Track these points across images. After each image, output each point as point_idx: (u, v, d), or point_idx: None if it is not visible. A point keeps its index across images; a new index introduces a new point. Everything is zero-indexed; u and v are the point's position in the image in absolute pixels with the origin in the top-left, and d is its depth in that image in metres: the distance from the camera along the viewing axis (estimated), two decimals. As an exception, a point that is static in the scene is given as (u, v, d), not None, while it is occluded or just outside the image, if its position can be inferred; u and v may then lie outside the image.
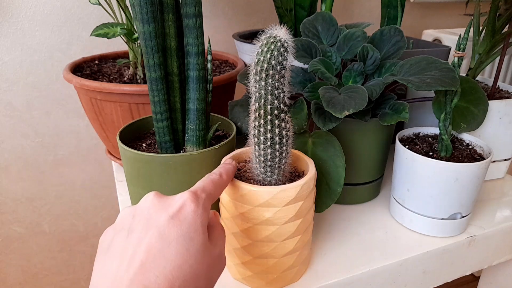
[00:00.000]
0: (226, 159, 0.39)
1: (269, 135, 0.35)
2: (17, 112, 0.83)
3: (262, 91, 0.34)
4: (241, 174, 0.41)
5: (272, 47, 0.32)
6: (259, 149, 0.36)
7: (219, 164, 0.41)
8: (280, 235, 0.38)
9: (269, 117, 0.35)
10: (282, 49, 0.32)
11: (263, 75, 0.33)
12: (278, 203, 0.36)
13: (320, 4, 0.66)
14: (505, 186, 0.63)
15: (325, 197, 0.46)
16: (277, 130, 0.35)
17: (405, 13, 1.09)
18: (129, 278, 0.24)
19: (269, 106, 0.34)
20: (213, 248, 0.29)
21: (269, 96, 0.34)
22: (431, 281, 0.51)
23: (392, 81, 0.47)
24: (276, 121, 0.35)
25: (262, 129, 0.35)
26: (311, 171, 0.39)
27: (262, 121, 0.35)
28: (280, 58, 0.33)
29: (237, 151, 0.43)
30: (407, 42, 0.53)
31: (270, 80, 0.33)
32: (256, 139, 0.36)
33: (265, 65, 0.33)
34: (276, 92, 0.34)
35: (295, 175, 0.42)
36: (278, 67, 0.33)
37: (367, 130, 0.51)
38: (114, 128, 0.58)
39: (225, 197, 0.39)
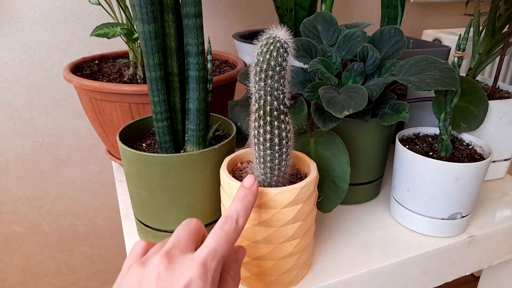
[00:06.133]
0: (248, 181, 0.34)
1: (268, 136, 0.35)
2: (17, 112, 0.83)
3: (262, 92, 0.34)
4: (242, 174, 0.41)
5: (272, 48, 0.32)
6: (259, 150, 0.36)
7: (219, 164, 0.41)
8: (278, 238, 0.38)
9: (268, 118, 0.35)
10: (281, 50, 0.32)
11: (263, 75, 0.33)
12: (276, 205, 0.36)
13: (320, 4, 0.66)
14: (505, 186, 0.63)
15: (332, 195, 0.46)
16: (276, 132, 0.35)
17: (405, 13, 1.09)
18: None
19: (268, 107, 0.34)
20: None
21: (268, 97, 0.34)
22: (431, 281, 0.51)
23: (392, 81, 0.47)
24: (276, 122, 0.35)
25: (261, 130, 0.35)
26: (313, 174, 0.39)
27: (261, 122, 0.35)
28: (279, 59, 0.33)
29: (240, 151, 0.43)
30: (407, 42, 0.53)
31: (269, 81, 0.33)
32: (256, 140, 0.36)
33: (264, 66, 0.33)
34: (275, 93, 0.34)
35: (297, 177, 0.41)
36: (278, 68, 0.33)
37: (367, 130, 0.51)
38: (114, 128, 0.58)
39: (225, 197, 0.39)
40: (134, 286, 0.27)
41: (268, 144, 0.36)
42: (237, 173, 0.41)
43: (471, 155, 0.49)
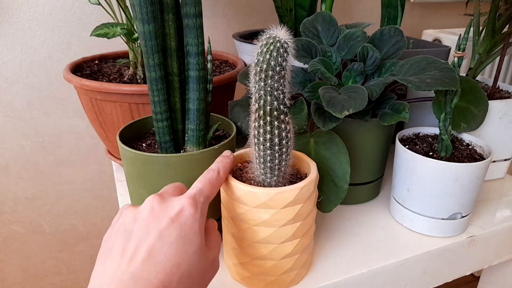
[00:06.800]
0: (225, 152, 0.40)
1: (268, 136, 0.35)
2: (17, 112, 0.83)
3: (262, 92, 0.34)
4: (242, 174, 0.41)
5: (272, 48, 0.32)
6: (259, 150, 0.36)
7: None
8: (278, 238, 0.38)
9: (268, 118, 0.35)
10: (281, 50, 0.32)
11: (262, 75, 0.33)
12: (276, 205, 0.36)
13: (320, 4, 0.66)
14: (505, 186, 0.63)
15: (332, 195, 0.46)
16: (276, 132, 0.35)
17: (405, 13, 1.08)
18: (131, 271, 0.26)
19: (268, 107, 0.34)
20: (208, 252, 0.31)
21: (268, 97, 0.34)
22: (431, 281, 0.51)
23: (392, 81, 0.47)
24: (276, 122, 0.35)
25: (261, 130, 0.35)
26: (313, 174, 0.39)
27: (261, 122, 0.35)
28: (279, 59, 0.33)
29: (240, 151, 0.43)
30: (407, 42, 0.53)
31: (269, 81, 0.33)
32: (256, 140, 0.36)
33: (264, 66, 0.33)
34: (275, 93, 0.34)
35: (297, 177, 0.41)
36: (277, 68, 0.33)
37: (367, 130, 0.51)
38: (114, 128, 0.58)
39: (224, 197, 0.39)
40: (128, 222, 0.29)
41: (268, 144, 0.36)
42: (237, 173, 0.41)
43: (471, 155, 0.49)
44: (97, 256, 0.29)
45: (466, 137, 0.53)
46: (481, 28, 0.60)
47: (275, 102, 0.34)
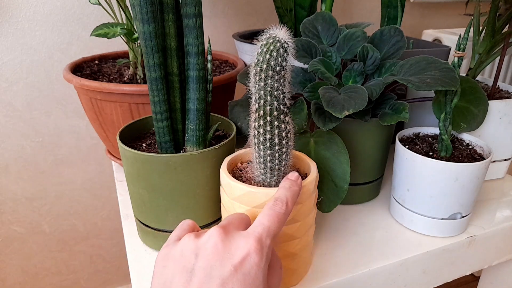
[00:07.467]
0: (293, 175, 0.36)
1: (268, 136, 0.35)
2: (17, 112, 0.83)
3: (262, 92, 0.34)
4: (242, 174, 0.41)
5: (272, 47, 0.32)
6: (259, 150, 0.36)
7: (219, 164, 0.41)
8: (278, 237, 0.38)
9: (268, 118, 0.35)
10: (281, 50, 0.32)
11: (262, 75, 0.33)
12: None
13: (320, 4, 0.66)
14: (505, 186, 0.63)
15: (332, 195, 0.46)
16: (276, 132, 0.35)
17: (405, 13, 1.09)
18: None
19: (268, 107, 0.34)
20: None
21: (268, 97, 0.34)
22: (431, 281, 0.51)
23: (392, 81, 0.47)
24: (276, 122, 0.35)
25: (261, 130, 0.35)
26: (312, 174, 0.39)
27: (261, 122, 0.35)
28: (279, 59, 0.33)
29: (240, 151, 0.43)
30: (407, 42, 0.53)
31: (269, 81, 0.33)
32: (256, 140, 0.36)
33: (264, 66, 0.33)
34: (275, 93, 0.34)
35: None
36: (277, 68, 0.33)
37: (367, 130, 0.51)
38: (114, 128, 0.58)
39: (224, 197, 0.39)
40: (189, 256, 0.27)
41: (268, 144, 0.36)
42: (237, 173, 0.41)
43: (471, 155, 0.49)
44: (152, 281, 0.27)
45: (466, 137, 0.53)
46: (481, 28, 0.60)
47: (275, 102, 0.34)
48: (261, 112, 0.35)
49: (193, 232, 0.30)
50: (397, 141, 0.51)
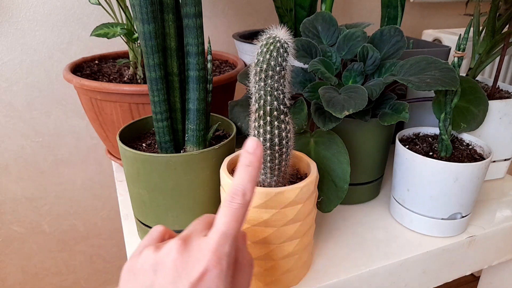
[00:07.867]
0: (251, 145, 0.30)
1: (268, 136, 0.35)
2: (17, 112, 0.83)
3: (262, 92, 0.34)
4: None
5: (272, 48, 0.32)
6: (259, 149, 0.36)
7: (219, 164, 0.41)
8: (278, 238, 0.38)
9: (268, 118, 0.35)
10: (281, 50, 0.32)
11: (262, 75, 0.33)
12: (276, 205, 0.36)
13: (320, 4, 0.66)
14: (505, 186, 0.63)
15: (332, 195, 0.46)
16: (276, 132, 0.35)
17: (405, 13, 1.09)
18: None
19: (268, 107, 0.34)
20: None
21: (268, 97, 0.34)
22: (431, 281, 0.51)
23: (392, 81, 0.47)
24: (276, 123, 0.35)
25: (261, 130, 0.35)
26: (313, 174, 0.39)
27: (261, 122, 0.35)
28: (279, 59, 0.33)
29: (240, 151, 0.43)
30: (407, 42, 0.53)
31: (269, 81, 0.33)
32: (256, 140, 0.36)
33: (264, 66, 0.33)
34: (275, 93, 0.34)
35: (297, 177, 0.41)
36: (277, 68, 0.33)
37: (367, 130, 0.51)
38: (114, 128, 0.58)
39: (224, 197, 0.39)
40: (148, 270, 0.27)
41: (268, 144, 0.36)
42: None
43: (471, 155, 0.49)
44: None
45: (466, 137, 0.53)
46: (481, 28, 0.60)
47: (275, 102, 0.34)
48: (261, 112, 0.35)
49: (159, 241, 0.30)
50: (397, 141, 0.51)
